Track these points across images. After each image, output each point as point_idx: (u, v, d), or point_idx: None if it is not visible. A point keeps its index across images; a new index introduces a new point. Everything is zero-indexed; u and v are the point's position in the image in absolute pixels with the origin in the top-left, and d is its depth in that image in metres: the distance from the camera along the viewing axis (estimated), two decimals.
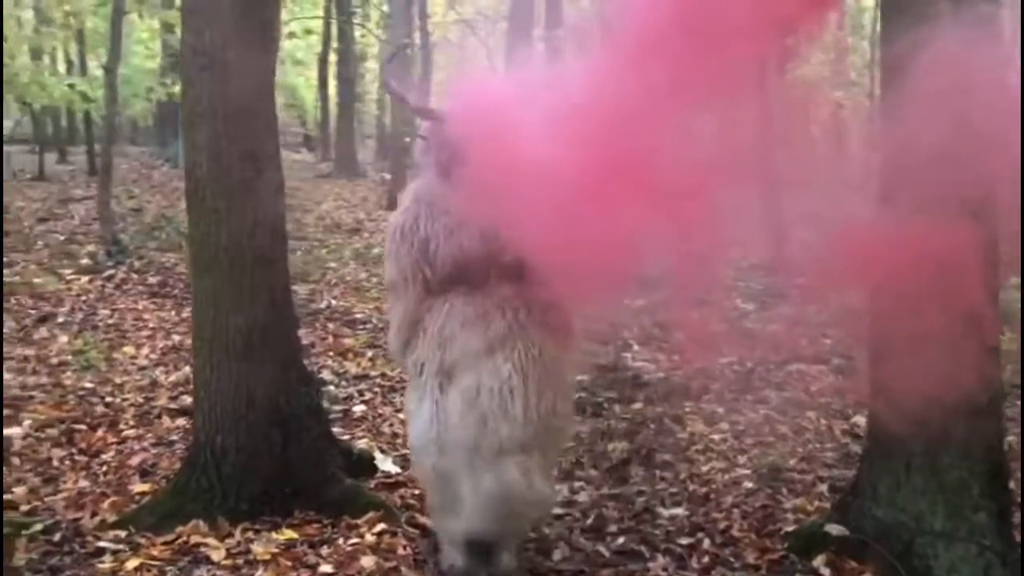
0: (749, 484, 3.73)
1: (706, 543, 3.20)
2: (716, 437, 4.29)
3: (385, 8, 16.45)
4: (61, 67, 18.94)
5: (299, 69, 22.23)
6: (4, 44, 9.96)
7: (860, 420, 4.13)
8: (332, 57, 18.89)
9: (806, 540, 3.11)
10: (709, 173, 2.50)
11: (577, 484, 3.79)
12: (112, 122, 8.26)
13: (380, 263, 8.30)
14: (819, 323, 6.18)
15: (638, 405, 4.75)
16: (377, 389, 4.94)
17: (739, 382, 5.09)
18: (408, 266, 2.66)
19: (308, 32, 15.50)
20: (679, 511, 3.49)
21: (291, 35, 13.78)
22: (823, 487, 3.68)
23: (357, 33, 17.51)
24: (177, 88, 12.76)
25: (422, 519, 3.35)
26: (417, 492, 3.64)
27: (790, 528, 3.29)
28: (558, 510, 3.52)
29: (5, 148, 12.61)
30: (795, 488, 3.68)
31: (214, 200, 3.42)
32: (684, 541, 3.23)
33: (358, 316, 6.43)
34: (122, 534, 3.13)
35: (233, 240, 3.40)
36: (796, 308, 6.71)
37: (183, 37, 3.53)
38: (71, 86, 9.94)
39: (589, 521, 3.44)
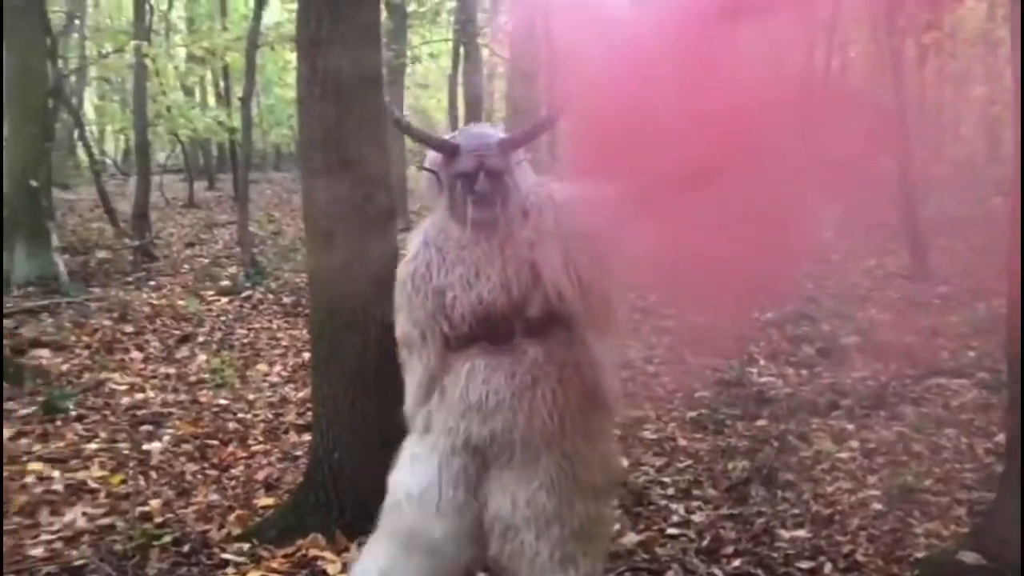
0: (878, 506, 3.53)
1: (828, 568, 3.05)
2: (844, 455, 4.08)
3: (510, 28, 16.65)
4: (211, 100, 20.17)
5: (429, 92, 22.82)
6: (159, 81, 10.66)
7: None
8: (460, 78, 19.28)
9: (937, 568, 2.91)
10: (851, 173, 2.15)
11: (694, 504, 3.69)
12: (248, 150, 8.70)
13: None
14: (962, 334, 5.86)
15: (762, 422, 4.59)
16: None
17: (872, 397, 4.84)
18: (423, 320, 2.36)
19: (433, 56, 15.88)
20: (800, 533, 3.34)
21: (415, 60, 14.11)
22: (960, 511, 3.44)
23: (484, 53, 17.81)
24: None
25: None
26: None
27: (920, 554, 3.08)
28: (672, 531, 3.44)
29: (161, 177, 13.51)
30: (929, 511, 3.46)
31: (328, 224, 3.53)
32: (804, 565, 3.08)
33: None
34: (245, 547, 3.25)
35: (346, 262, 3.50)
36: (937, 318, 6.39)
37: (299, 66, 3.68)
38: (214, 118, 10.56)
39: (705, 542, 3.33)
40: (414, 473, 2.41)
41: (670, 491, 3.84)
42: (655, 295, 3.51)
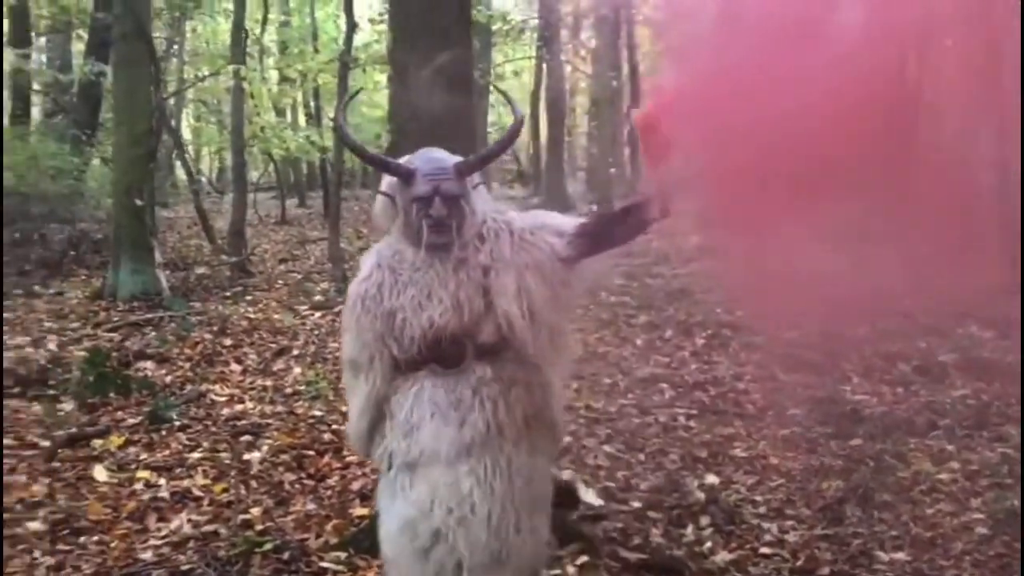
0: (982, 530, 3.42)
1: None
2: (944, 477, 3.97)
3: (593, 43, 16.73)
4: (301, 120, 20.77)
5: (509, 109, 22.97)
6: (253, 102, 11.03)
7: None
8: (542, 94, 19.47)
9: None
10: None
11: (787, 523, 3.64)
12: (340, 168, 8.94)
13: (585, 296, 8.42)
14: None
15: (856, 441, 4.48)
16: (582, 420, 4.97)
17: (973, 417, 4.68)
18: (372, 341, 2.31)
19: (516, 73, 16.05)
20: (900, 556, 3.26)
21: (499, 77, 14.28)
22: None
23: (566, 69, 17.96)
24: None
25: (624, 553, 3.35)
26: (620, 526, 3.64)
27: None
28: (765, 550, 3.40)
29: (254, 195, 13.97)
30: None
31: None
32: None
33: None
34: (343, 555, 3.35)
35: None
36: None
37: (392, 86, 3.80)
38: (306, 137, 10.89)
39: (799, 562, 3.29)
40: (388, 520, 2.34)
41: (762, 510, 3.80)
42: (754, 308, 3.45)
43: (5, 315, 7.42)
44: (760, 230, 2.07)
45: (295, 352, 6.56)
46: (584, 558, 3.32)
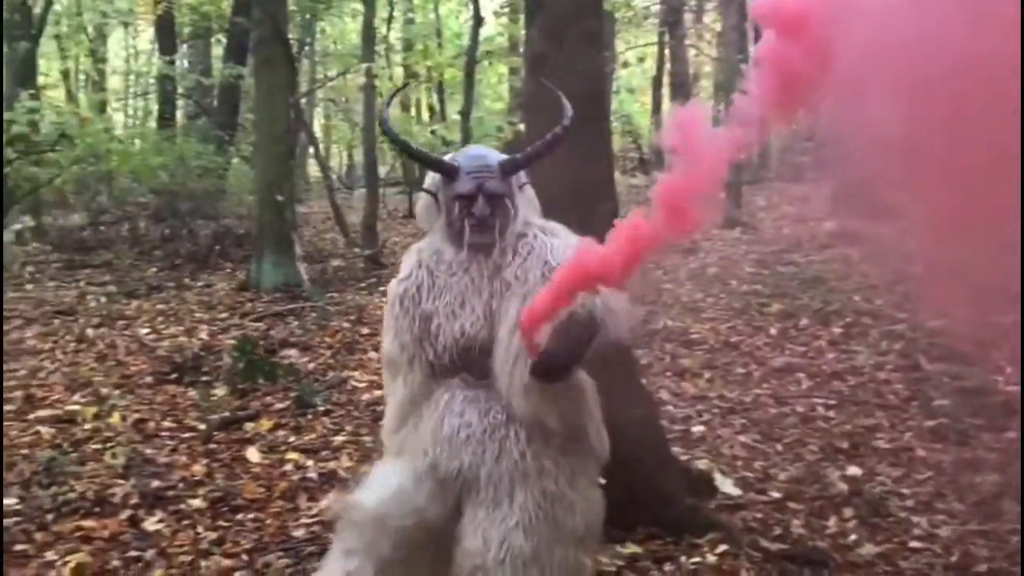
0: None
1: None
2: None
3: (718, 27, 16.39)
4: (424, 116, 21.21)
5: (634, 96, 22.81)
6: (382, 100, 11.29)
7: None
8: (666, 79, 19.19)
9: None
10: None
11: (938, 517, 3.50)
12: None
13: (716, 282, 8.28)
14: None
15: (1011, 434, 4.26)
16: (716, 410, 4.92)
17: None
18: (410, 343, 2.28)
19: (641, 59, 15.86)
20: None
21: (625, 64, 14.16)
22: None
23: (691, 53, 17.64)
24: (523, 126, 13.80)
25: (765, 543, 3.30)
26: (759, 516, 3.59)
27: None
28: (915, 544, 3.29)
29: (382, 190, 14.37)
30: None
31: None
32: None
33: (694, 337, 6.44)
34: None
35: None
36: None
37: (525, 80, 3.85)
38: (433, 132, 11.13)
39: (953, 558, 3.16)
40: (383, 482, 2.30)
41: (910, 503, 3.67)
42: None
43: (159, 306, 7.93)
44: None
45: None
46: (723, 547, 3.28)
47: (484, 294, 2.24)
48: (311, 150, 14.84)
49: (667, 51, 17.05)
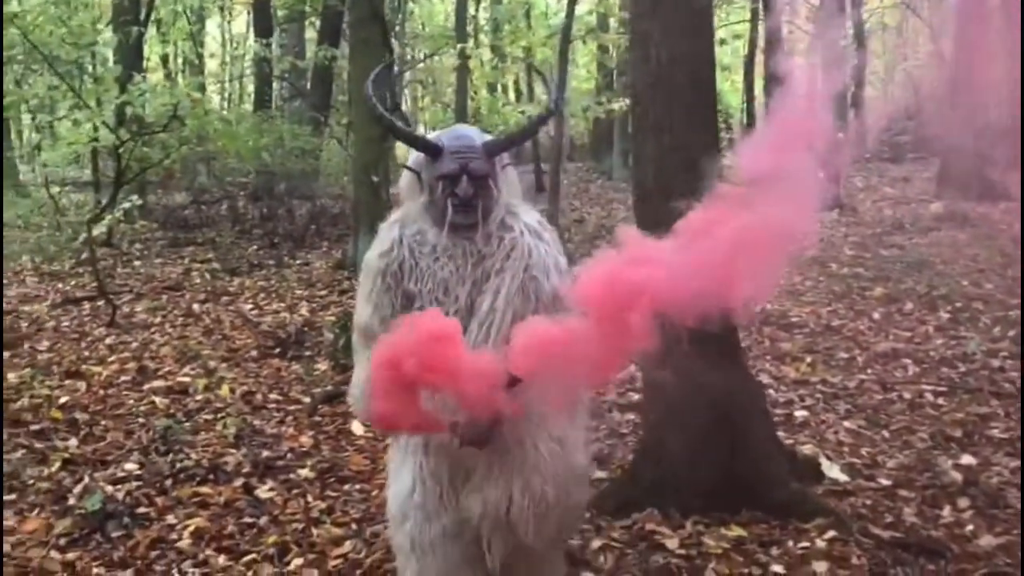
0: None
1: None
2: None
3: (815, 0, 15.89)
4: (511, 96, 21.22)
5: (724, 75, 22.34)
6: (476, 80, 11.38)
7: None
8: (758, 58, 18.74)
9: None
10: None
11: None
12: (560, 141, 9.05)
13: (815, 265, 8.08)
14: None
15: None
16: (819, 395, 4.81)
17: None
18: (390, 316, 2.23)
19: (737, 36, 15.51)
20: None
21: (722, 42, 13.87)
22: None
23: (785, 30, 17.13)
24: (613, 106, 13.69)
25: (876, 531, 3.23)
26: (868, 503, 3.51)
27: None
28: None
29: None
30: None
31: (658, 210, 3.62)
32: None
33: (794, 320, 6.30)
34: (586, 515, 3.44)
35: None
36: None
37: (632, 56, 3.81)
38: (523, 112, 11.13)
39: None
40: (397, 482, 2.38)
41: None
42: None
43: (260, 283, 8.16)
44: None
45: None
46: (832, 533, 3.23)
47: (467, 283, 2.24)
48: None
49: (760, 28, 16.62)
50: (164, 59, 18.37)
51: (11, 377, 5.26)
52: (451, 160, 2.21)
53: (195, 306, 7.22)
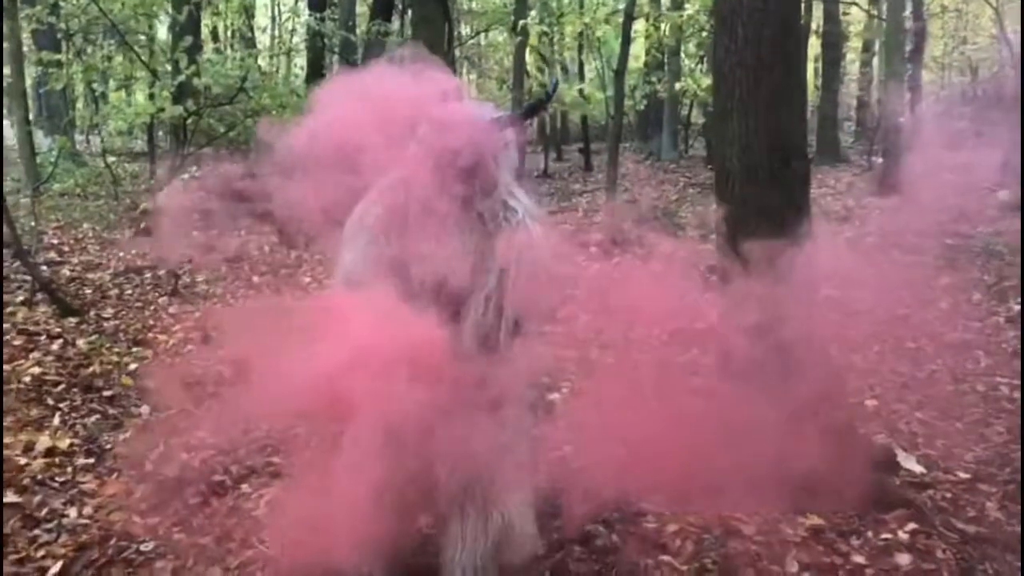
0: None
1: None
2: None
3: None
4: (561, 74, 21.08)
5: None
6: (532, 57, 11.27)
7: None
8: (812, 40, 18.42)
9: None
10: None
11: None
12: (620, 120, 8.97)
13: (876, 252, 7.91)
14: None
15: None
16: (888, 384, 4.73)
17: None
18: (375, 276, 2.34)
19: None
20: None
21: None
22: None
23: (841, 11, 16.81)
24: (658, 87, 13.52)
25: (960, 525, 3.17)
26: (948, 495, 3.45)
27: None
28: None
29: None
30: None
31: (743, 190, 3.57)
32: None
33: (859, 307, 6.18)
34: (662, 499, 3.42)
35: (761, 229, 3.51)
36: None
37: (717, 33, 3.73)
38: (580, 92, 11.04)
39: None
40: None
41: None
42: None
43: (316, 255, 8.20)
44: None
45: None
46: (913, 525, 3.18)
47: (467, 248, 2.33)
48: None
49: (816, 9, 16.32)
50: (214, 32, 18.48)
51: (80, 343, 5.35)
52: (455, 134, 2.32)
53: (255, 278, 7.29)
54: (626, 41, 8.64)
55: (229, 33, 20.77)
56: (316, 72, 14.40)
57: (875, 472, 3.57)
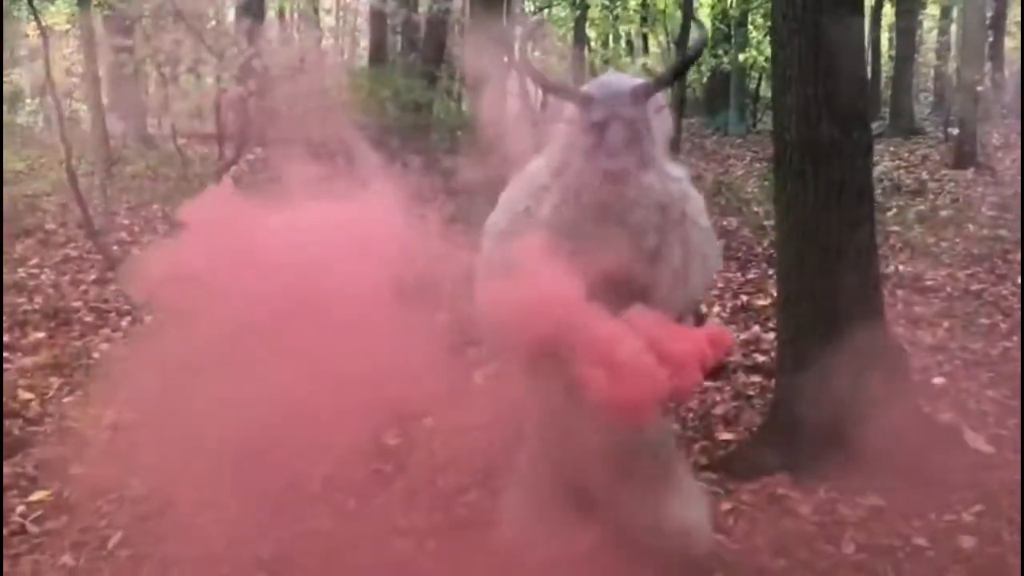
0: None
1: None
2: None
3: None
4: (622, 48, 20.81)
5: None
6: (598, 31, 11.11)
7: None
8: (886, 8, 17.82)
9: None
10: None
11: None
12: (684, 94, 8.81)
13: (950, 225, 7.65)
14: None
15: None
16: (958, 361, 4.57)
17: None
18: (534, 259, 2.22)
19: None
20: None
21: None
22: None
23: None
24: (724, 59, 13.21)
25: None
26: (1017, 477, 3.31)
27: None
28: None
29: None
30: None
31: (802, 163, 3.46)
32: None
33: (929, 283, 5.99)
34: (714, 476, 3.37)
35: (820, 202, 3.41)
36: None
37: (774, 2, 3.62)
38: (644, 65, 10.88)
39: None
40: None
41: None
42: None
43: None
44: None
45: None
46: (978, 507, 3.07)
47: (621, 233, 2.24)
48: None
49: None
50: (280, 13, 18.70)
51: (148, 320, 5.49)
52: (600, 108, 2.23)
53: None
54: (688, 12, 8.45)
55: (295, 15, 21.00)
56: (379, 54, 14.48)
57: (940, 452, 3.46)
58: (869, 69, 19.65)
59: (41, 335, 5.33)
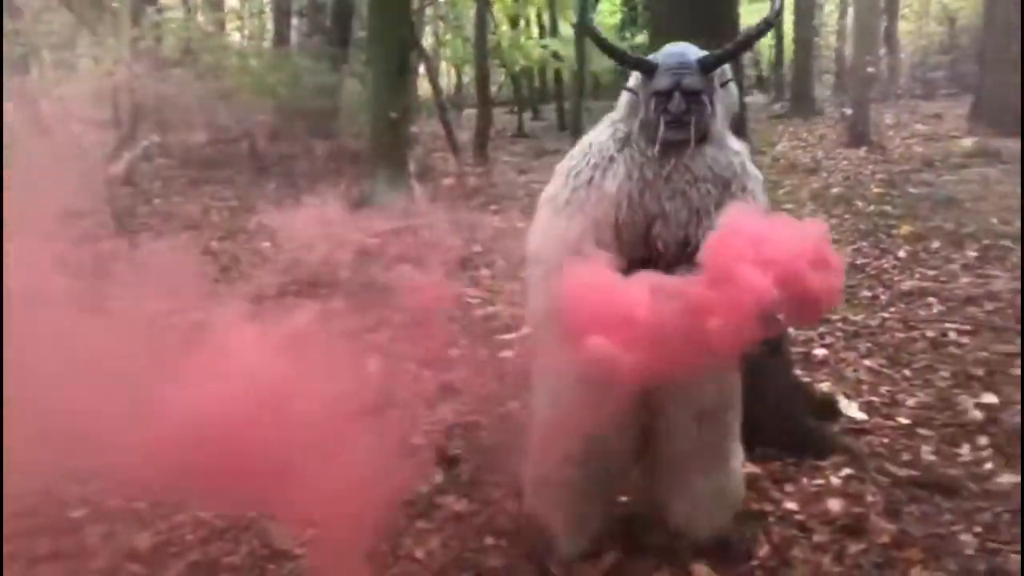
0: None
1: None
2: None
3: None
4: (534, 32, 20.84)
5: (756, 7, 21.76)
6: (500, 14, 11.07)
7: None
8: None
9: None
10: None
11: None
12: (583, 76, 8.88)
13: (840, 202, 7.91)
14: None
15: None
16: (839, 333, 4.74)
17: None
18: (592, 229, 2.25)
19: None
20: None
21: None
22: None
23: None
24: (637, 40, 13.35)
25: (893, 469, 3.20)
26: (886, 441, 3.47)
27: None
28: None
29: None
30: None
31: None
32: None
33: None
34: None
35: None
36: None
37: None
38: (544, 47, 10.90)
39: None
40: None
41: None
42: None
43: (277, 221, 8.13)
44: None
45: None
46: (847, 470, 3.20)
47: (681, 205, 2.26)
48: (421, 69, 14.80)
49: None
50: None
51: None
52: (665, 77, 2.22)
53: (213, 243, 7.23)
54: None
55: None
56: (282, 37, 14.21)
57: (816, 419, 3.59)
58: (773, 52, 20.17)
59: None
